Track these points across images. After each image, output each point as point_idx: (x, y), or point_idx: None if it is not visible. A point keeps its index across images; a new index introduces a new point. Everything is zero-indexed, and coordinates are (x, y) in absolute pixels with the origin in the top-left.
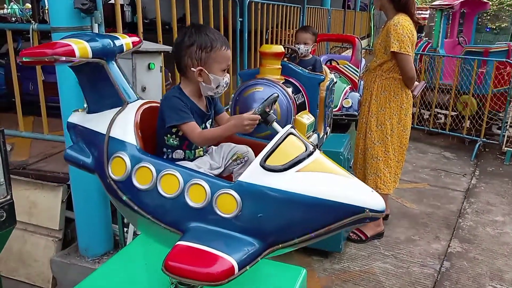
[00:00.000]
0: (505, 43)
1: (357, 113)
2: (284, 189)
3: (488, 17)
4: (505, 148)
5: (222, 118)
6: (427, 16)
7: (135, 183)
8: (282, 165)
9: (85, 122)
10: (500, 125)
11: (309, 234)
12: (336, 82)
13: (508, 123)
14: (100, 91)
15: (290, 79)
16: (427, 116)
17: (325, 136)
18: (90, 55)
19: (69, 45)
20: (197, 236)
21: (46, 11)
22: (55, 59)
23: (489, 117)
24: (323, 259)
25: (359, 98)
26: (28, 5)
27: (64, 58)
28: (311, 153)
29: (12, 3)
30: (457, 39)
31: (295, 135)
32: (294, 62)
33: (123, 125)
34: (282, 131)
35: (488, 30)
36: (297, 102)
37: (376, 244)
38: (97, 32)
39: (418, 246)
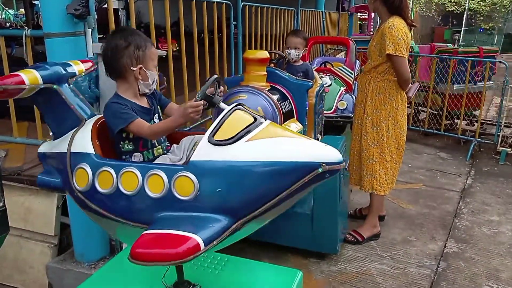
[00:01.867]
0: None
1: (352, 115)
2: (236, 159)
3: (482, 18)
4: (500, 148)
5: (171, 108)
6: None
7: (99, 188)
8: (231, 137)
9: (52, 148)
10: None
11: (272, 200)
12: (331, 84)
13: (503, 123)
14: (60, 115)
15: (277, 86)
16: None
17: None
18: (40, 81)
19: (18, 75)
20: (162, 223)
21: (40, 16)
22: (4, 88)
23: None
24: (320, 261)
25: (354, 99)
26: (22, 11)
27: (13, 87)
28: (260, 123)
29: (6, 9)
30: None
31: (242, 110)
32: (281, 67)
33: (81, 139)
34: (228, 107)
35: (481, 30)
36: (284, 110)
37: (373, 245)
38: (90, 37)
39: (415, 247)
